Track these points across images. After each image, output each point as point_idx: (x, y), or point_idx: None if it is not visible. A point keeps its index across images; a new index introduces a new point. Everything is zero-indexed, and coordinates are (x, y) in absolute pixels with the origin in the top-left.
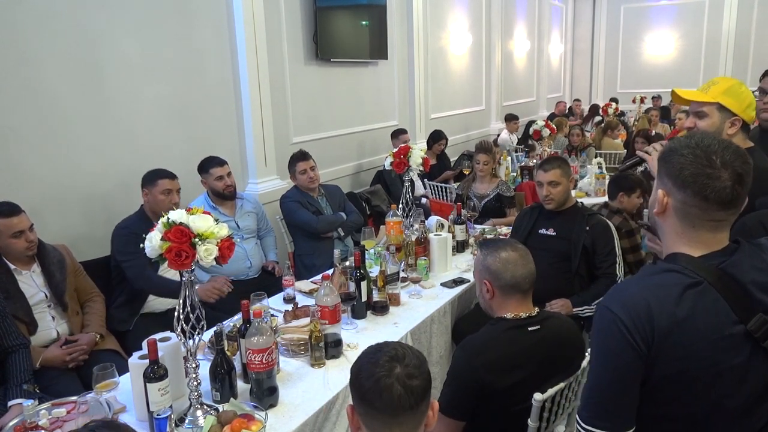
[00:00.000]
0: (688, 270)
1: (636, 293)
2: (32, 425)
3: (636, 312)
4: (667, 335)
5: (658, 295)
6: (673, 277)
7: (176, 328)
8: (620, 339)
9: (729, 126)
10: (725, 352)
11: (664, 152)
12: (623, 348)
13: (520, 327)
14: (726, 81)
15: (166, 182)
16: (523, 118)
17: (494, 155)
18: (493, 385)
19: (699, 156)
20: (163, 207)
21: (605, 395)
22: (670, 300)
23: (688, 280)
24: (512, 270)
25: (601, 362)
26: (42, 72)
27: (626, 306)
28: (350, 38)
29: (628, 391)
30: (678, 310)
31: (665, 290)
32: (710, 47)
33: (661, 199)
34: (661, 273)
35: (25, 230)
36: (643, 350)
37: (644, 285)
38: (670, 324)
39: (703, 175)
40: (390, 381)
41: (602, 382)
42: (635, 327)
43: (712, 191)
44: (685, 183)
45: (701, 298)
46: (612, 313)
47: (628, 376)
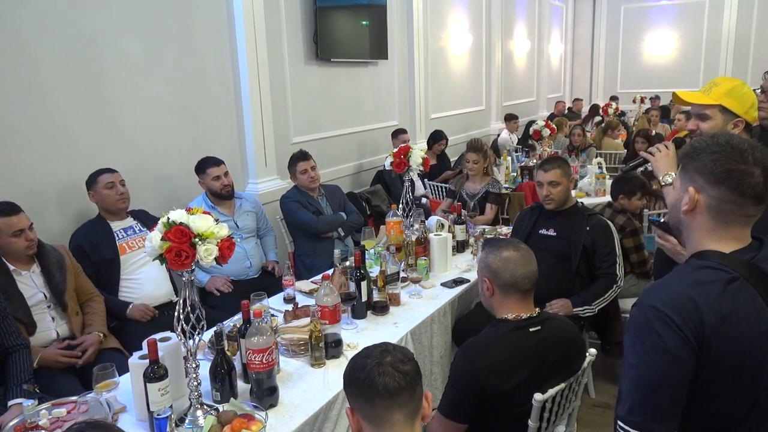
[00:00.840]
0: (723, 266)
1: (679, 290)
2: (32, 425)
3: (684, 308)
4: (715, 330)
5: (701, 291)
6: (712, 274)
7: (176, 328)
8: (673, 335)
9: (732, 128)
10: (766, 346)
11: (690, 151)
12: (677, 344)
13: (521, 328)
14: (728, 82)
15: (106, 177)
16: (523, 118)
17: (485, 154)
18: (495, 388)
19: (731, 153)
20: (111, 200)
21: (660, 396)
22: (714, 296)
23: (727, 275)
24: (512, 269)
25: (653, 361)
26: (42, 72)
27: (673, 302)
28: (350, 38)
29: (682, 390)
30: (722, 305)
31: (707, 286)
32: (710, 47)
33: (692, 196)
34: (698, 270)
35: (25, 229)
36: (695, 346)
37: (685, 282)
38: (717, 319)
39: (739, 171)
40: (383, 368)
41: (655, 382)
42: (685, 323)
43: (748, 186)
44: (720, 179)
45: (741, 294)
46: (658, 310)
47: (684, 374)
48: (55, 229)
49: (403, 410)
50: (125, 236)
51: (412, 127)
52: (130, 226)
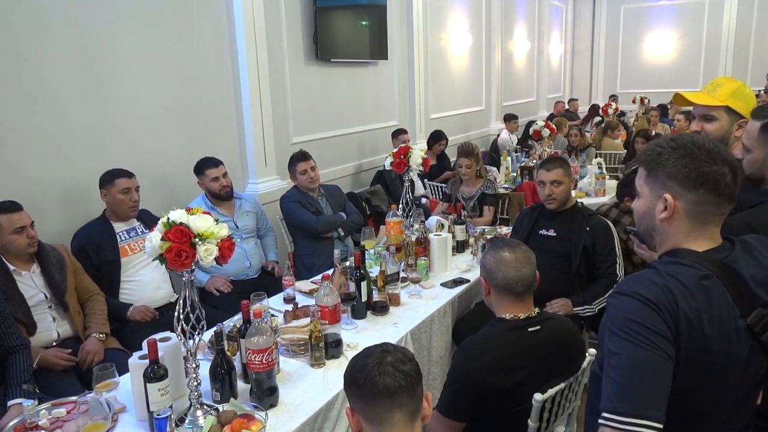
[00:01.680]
0: (696, 264)
1: (657, 281)
2: (32, 425)
3: (665, 297)
4: (690, 324)
5: (677, 285)
6: (686, 270)
7: (176, 328)
8: (657, 318)
9: (737, 128)
10: (733, 346)
11: (654, 156)
12: (661, 326)
13: (520, 328)
14: (731, 82)
15: (123, 181)
16: (523, 118)
17: (477, 157)
18: (494, 387)
19: (700, 155)
20: (124, 206)
21: (649, 380)
22: (689, 291)
23: (700, 272)
24: (504, 271)
25: (641, 345)
26: (42, 72)
27: (651, 291)
28: (350, 38)
29: (669, 375)
30: (697, 300)
31: (681, 281)
32: (710, 47)
33: (670, 203)
34: (671, 265)
35: (27, 226)
36: (675, 331)
37: (661, 275)
38: (692, 313)
39: (713, 173)
40: (383, 367)
41: (643, 366)
42: (667, 310)
43: (725, 187)
44: (697, 183)
45: (713, 291)
46: (641, 296)
47: (669, 356)
48: (56, 229)
49: (403, 410)
50: (128, 238)
51: (412, 127)
52: (133, 227)
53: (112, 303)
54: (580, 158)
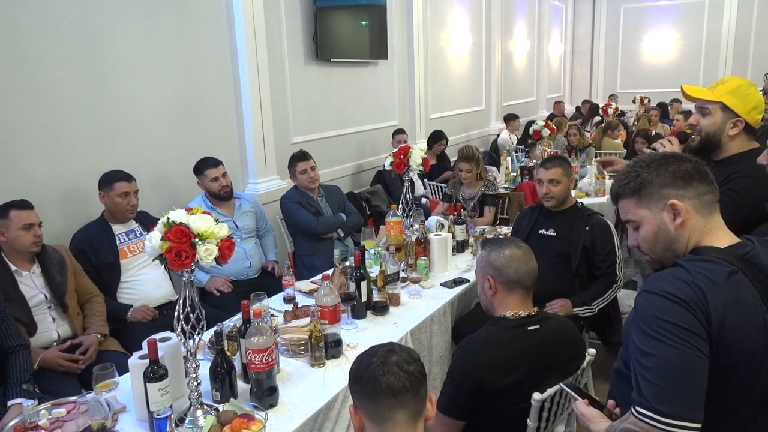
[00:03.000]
0: (722, 260)
1: (686, 279)
2: (32, 425)
3: (695, 294)
4: (720, 320)
5: (705, 281)
6: (714, 266)
7: (176, 328)
8: (689, 316)
9: (731, 126)
10: (760, 341)
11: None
12: (694, 323)
13: (520, 326)
14: (735, 81)
15: (123, 185)
16: (523, 118)
17: (477, 160)
18: (493, 385)
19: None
20: (121, 209)
21: (689, 379)
22: (718, 287)
23: (727, 268)
24: (516, 266)
25: (675, 343)
26: (42, 72)
27: (682, 289)
28: (350, 38)
29: (705, 372)
30: (727, 297)
31: (710, 278)
32: (710, 47)
33: (680, 207)
34: (698, 262)
35: (35, 225)
36: (707, 328)
37: (690, 272)
38: (722, 309)
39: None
40: (388, 367)
41: (678, 366)
42: (697, 306)
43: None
44: (687, 178)
45: (741, 286)
46: (670, 294)
47: (705, 353)
48: (56, 230)
49: (406, 410)
50: (127, 240)
51: (412, 127)
52: (132, 229)
53: (112, 305)
54: (580, 158)
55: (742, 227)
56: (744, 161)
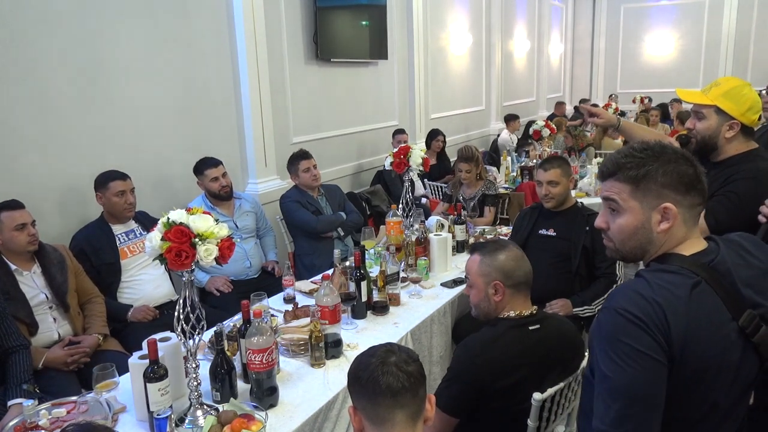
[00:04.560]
0: (685, 270)
1: (646, 294)
2: (32, 425)
3: (653, 311)
4: (683, 336)
5: (667, 297)
6: (676, 278)
7: (176, 328)
8: (646, 337)
9: (727, 129)
10: (726, 350)
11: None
12: (651, 346)
13: (521, 326)
14: (728, 83)
15: (118, 183)
16: (523, 118)
17: (477, 161)
18: (494, 384)
19: (675, 157)
20: (119, 208)
21: (646, 402)
22: (680, 301)
23: (691, 280)
24: (523, 266)
25: (632, 367)
26: (42, 72)
27: (640, 306)
28: (350, 38)
29: (659, 389)
30: (689, 311)
31: (672, 292)
32: (710, 47)
33: (673, 212)
34: (661, 273)
35: (28, 224)
36: (665, 345)
37: (651, 287)
38: (683, 324)
39: (696, 173)
40: (387, 367)
41: (635, 389)
42: (656, 325)
43: (700, 187)
44: (689, 186)
45: (704, 298)
46: (629, 313)
47: (662, 377)
48: (56, 230)
49: (406, 411)
50: (127, 240)
51: (412, 127)
52: (132, 229)
53: (113, 305)
54: (580, 158)
55: (742, 229)
56: (743, 163)
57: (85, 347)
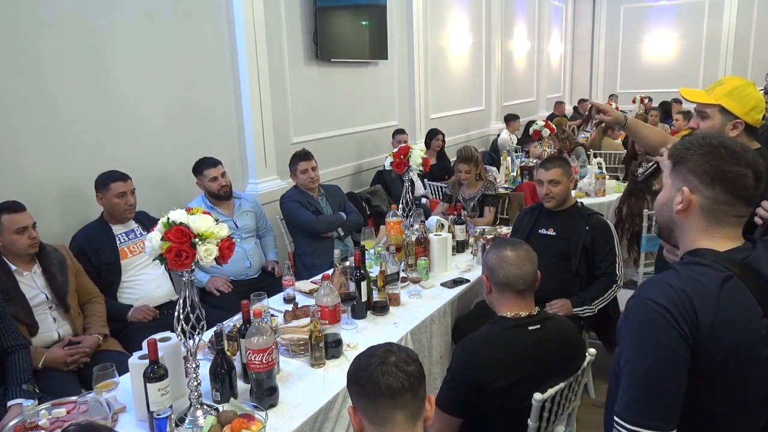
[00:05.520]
0: (718, 264)
1: (676, 285)
2: (32, 425)
3: (681, 302)
4: (710, 328)
5: (697, 288)
6: (708, 271)
7: (176, 328)
8: (670, 329)
9: (731, 129)
10: (757, 345)
11: (681, 150)
12: (674, 338)
13: (520, 326)
14: (732, 82)
15: (119, 185)
16: (523, 118)
17: (476, 161)
18: (493, 384)
19: (725, 154)
20: (119, 209)
21: (658, 391)
22: (710, 293)
23: (722, 273)
24: (506, 269)
25: (651, 356)
26: (43, 72)
27: (669, 297)
28: (350, 38)
29: (681, 385)
30: (719, 303)
31: (703, 283)
32: (710, 47)
33: (687, 196)
34: (693, 266)
35: (29, 227)
36: (691, 341)
37: (681, 278)
38: (712, 316)
39: (733, 173)
40: (387, 367)
41: (653, 377)
42: (682, 317)
43: (742, 188)
44: (716, 180)
45: (736, 292)
46: (656, 303)
47: (681, 368)
48: (56, 230)
49: (405, 411)
50: (127, 240)
51: (412, 127)
52: (132, 230)
53: (113, 305)
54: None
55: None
56: None
57: (85, 347)
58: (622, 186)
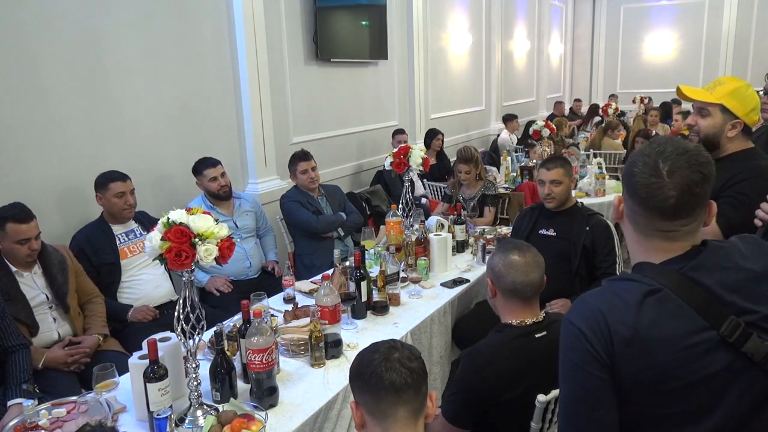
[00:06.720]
0: (646, 278)
1: (592, 303)
2: (32, 425)
3: (595, 322)
4: (628, 344)
5: (612, 304)
6: (630, 286)
7: (176, 328)
8: (583, 351)
9: (730, 128)
10: (696, 361)
11: (630, 157)
12: (587, 360)
13: (526, 334)
14: (733, 82)
15: (118, 185)
16: (523, 118)
17: (476, 162)
18: (502, 397)
19: (648, 164)
20: (119, 209)
21: (580, 411)
22: (628, 309)
23: (646, 287)
24: (513, 275)
25: (570, 378)
26: (42, 72)
27: (584, 317)
28: (350, 38)
29: (601, 404)
30: (638, 319)
31: (621, 299)
32: (710, 47)
33: (616, 205)
34: (618, 282)
35: (31, 238)
36: (605, 360)
37: (601, 295)
38: (631, 333)
39: (646, 185)
40: (391, 363)
41: (574, 400)
42: (595, 337)
43: (653, 200)
44: (632, 190)
45: (662, 306)
46: (573, 325)
47: (598, 389)
48: (56, 230)
49: (408, 407)
50: (126, 240)
51: (412, 127)
52: (132, 230)
53: (113, 305)
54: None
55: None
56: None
57: (86, 347)
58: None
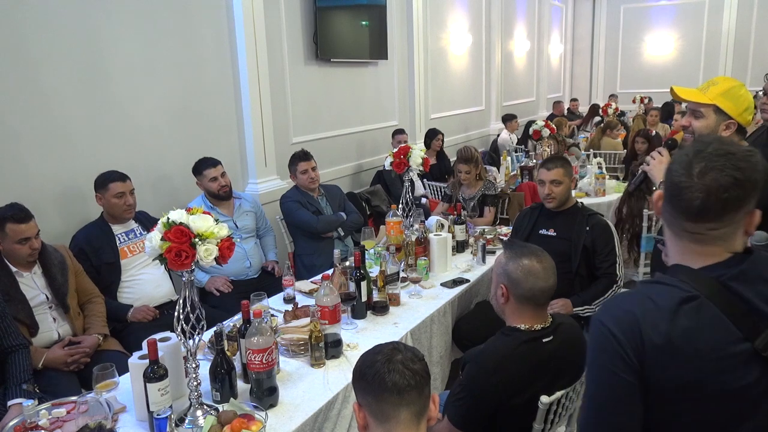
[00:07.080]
0: (683, 283)
1: (626, 306)
2: (32, 425)
3: (627, 325)
4: (660, 351)
5: (647, 309)
6: (665, 291)
7: (176, 328)
8: (613, 353)
9: (723, 129)
10: (730, 372)
11: None
12: (616, 363)
13: (534, 340)
14: (726, 82)
15: (117, 185)
16: (523, 118)
17: (476, 162)
18: (510, 401)
19: (683, 162)
20: (118, 210)
21: (604, 415)
22: (662, 315)
23: (682, 294)
24: (532, 282)
25: (597, 379)
26: (42, 72)
27: (617, 319)
28: (350, 38)
29: (626, 408)
30: (672, 326)
31: (656, 304)
32: (710, 47)
33: (655, 200)
34: (653, 285)
35: (32, 237)
36: (635, 364)
37: (635, 298)
38: (663, 340)
39: (675, 183)
40: (394, 365)
41: (599, 400)
42: (626, 340)
43: (679, 200)
44: (665, 187)
45: (698, 314)
46: (604, 326)
47: (624, 392)
48: (56, 230)
49: (411, 409)
50: (126, 240)
51: (412, 127)
52: (132, 229)
53: (113, 305)
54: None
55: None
56: None
57: (86, 347)
58: (622, 186)
